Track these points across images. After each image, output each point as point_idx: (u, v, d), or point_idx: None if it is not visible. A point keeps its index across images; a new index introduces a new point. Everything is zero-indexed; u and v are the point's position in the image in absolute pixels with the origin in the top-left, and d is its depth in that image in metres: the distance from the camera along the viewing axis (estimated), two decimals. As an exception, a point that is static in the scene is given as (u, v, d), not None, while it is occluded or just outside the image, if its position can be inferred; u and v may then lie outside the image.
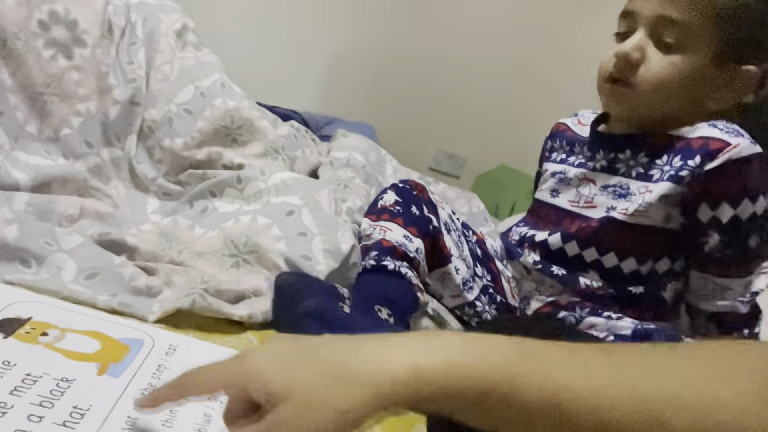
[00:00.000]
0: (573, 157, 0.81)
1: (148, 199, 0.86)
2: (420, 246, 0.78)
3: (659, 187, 0.69)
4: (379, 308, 0.70)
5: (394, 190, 0.84)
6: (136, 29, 0.92)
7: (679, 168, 0.68)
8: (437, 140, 1.91)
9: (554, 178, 0.81)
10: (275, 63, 1.71)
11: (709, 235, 0.68)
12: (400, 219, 0.80)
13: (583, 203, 0.76)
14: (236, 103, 0.91)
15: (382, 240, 0.78)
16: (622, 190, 0.73)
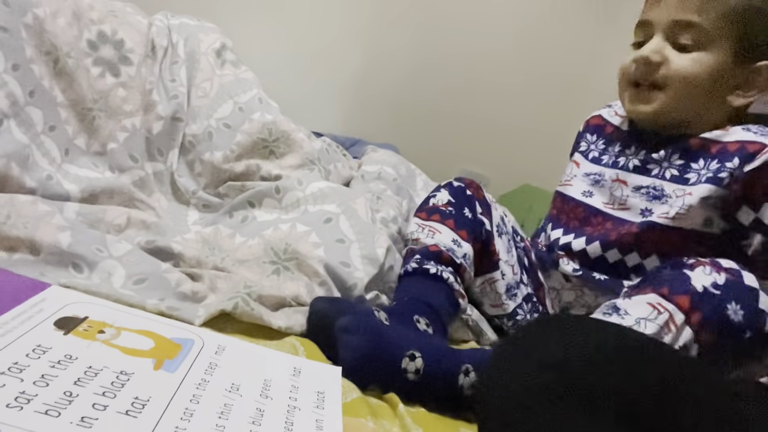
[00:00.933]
0: (606, 156, 0.81)
1: (189, 212, 0.89)
2: (469, 251, 0.77)
3: (699, 189, 0.69)
4: (418, 318, 0.69)
5: (448, 189, 0.82)
6: (178, 49, 0.96)
7: (716, 170, 0.68)
8: (460, 160, 1.92)
9: (588, 179, 0.81)
10: (299, 87, 1.75)
11: (751, 238, 0.67)
12: (451, 221, 0.77)
13: (617, 205, 0.76)
14: (273, 117, 0.94)
15: (429, 246, 0.76)
16: (657, 191, 0.73)
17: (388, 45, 1.76)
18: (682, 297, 0.57)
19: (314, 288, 0.74)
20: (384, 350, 0.58)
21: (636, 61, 0.72)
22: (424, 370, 0.58)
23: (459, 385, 0.59)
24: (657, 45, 0.70)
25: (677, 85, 0.70)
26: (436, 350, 0.61)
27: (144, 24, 0.94)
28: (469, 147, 1.91)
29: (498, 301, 0.82)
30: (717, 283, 0.57)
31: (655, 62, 0.70)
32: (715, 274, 0.57)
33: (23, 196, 0.69)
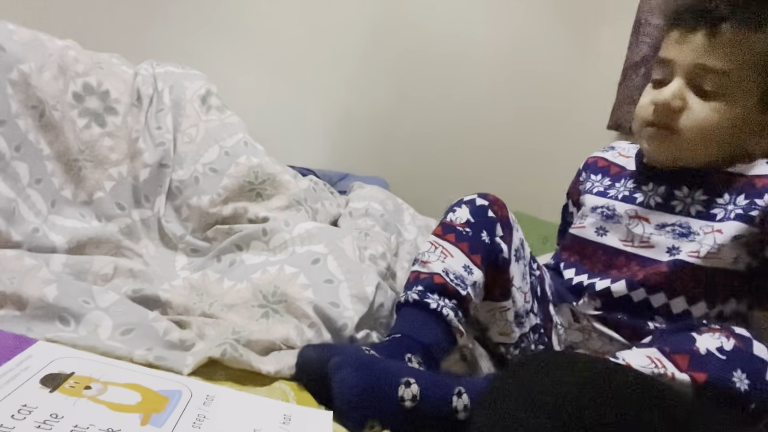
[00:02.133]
0: (614, 190, 0.79)
1: (177, 257, 0.89)
2: (479, 279, 0.73)
3: (729, 226, 0.67)
4: (410, 357, 0.68)
5: (469, 207, 0.78)
6: (163, 96, 0.97)
7: (747, 207, 0.67)
8: (449, 190, 1.93)
9: (596, 214, 0.79)
10: (288, 124, 1.78)
11: None
12: (466, 244, 0.73)
13: (638, 243, 0.74)
14: (259, 160, 0.95)
15: (434, 276, 0.72)
16: (683, 229, 0.71)
17: (373, 79, 1.79)
18: (682, 356, 0.56)
19: (304, 330, 0.74)
20: (380, 381, 0.58)
21: (656, 105, 0.70)
22: (420, 395, 0.58)
23: (453, 407, 0.59)
24: (678, 89, 0.69)
25: (693, 134, 0.69)
26: (429, 376, 0.61)
27: (129, 74, 0.96)
28: (456, 177, 1.92)
29: (506, 330, 0.79)
30: (724, 348, 0.55)
31: (675, 107, 0.69)
32: (723, 339, 0.56)
33: (9, 250, 0.69)
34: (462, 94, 1.83)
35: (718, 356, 0.55)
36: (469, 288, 0.73)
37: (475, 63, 1.81)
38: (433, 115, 1.85)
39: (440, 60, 1.80)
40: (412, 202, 1.70)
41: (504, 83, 1.85)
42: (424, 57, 1.79)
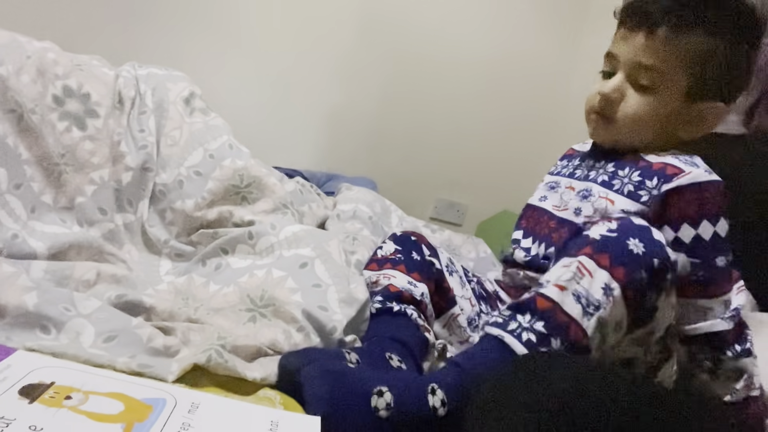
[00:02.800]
0: (565, 169, 0.90)
1: (161, 262, 0.87)
2: (425, 290, 0.79)
3: (619, 199, 0.75)
4: (390, 356, 0.69)
5: (393, 240, 0.87)
6: (146, 99, 0.96)
7: (637, 185, 0.75)
8: (437, 190, 1.94)
9: (546, 186, 0.90)
10: (275, 124, 1.77)
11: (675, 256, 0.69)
12: (402, 266, 0.81)
13: (562, 207, 0.84)
14: (244, 163, 0.94)
15: (389, 285, 0.79)
16: (587, 192, 0.81)
17: (361, 79, 1.78)
18: (585, 248, 0.64)
19: (292, 334, 0.73)
20: (351, 395, 0.57)
21: (600, 95, 0.79)
22: (394, 402, 0.58)
23: (430, 406, 0.59)
24: (618, 83, 0.78)
25: (626, 123, 0.78)
26: (401, 380, 0.61)
27: (111, 76, 0.94)
28: (446, 176, 1.92)
29: (464, 336, 0.83)
30: (611, 228, 0.64)
31: (614, 99, 0.78)
32: (608, 223, 0.65)
33: (-13, 258, 0.67)
34: (450, 94, 1.84)
35: (610, 235, 0.64)
36: (420, 297, 0.78)
37: (462, 63, 1.82)
38: (422, 115, 1.85)
39: (428, 60, 1.80)
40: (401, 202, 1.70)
41: (491, 84, 1.85)
42: (412, 57, 1.79)
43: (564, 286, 0.63)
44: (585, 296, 0.62)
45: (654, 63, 0.74)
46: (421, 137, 1.87)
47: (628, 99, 0.77)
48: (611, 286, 0.61)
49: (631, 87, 0.77)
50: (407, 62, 1.79)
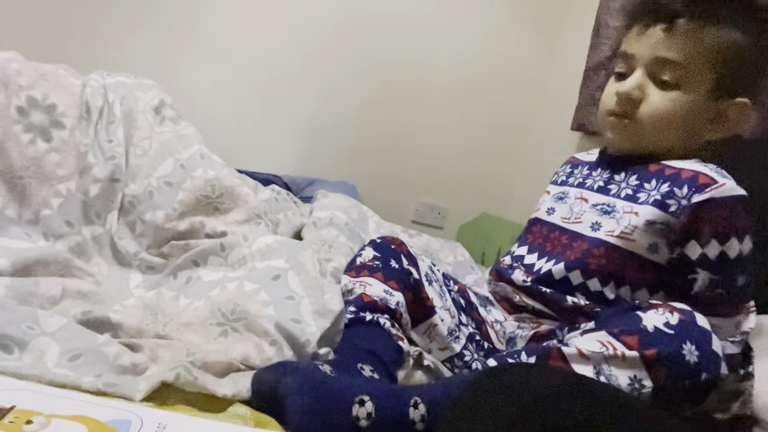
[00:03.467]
0: (572, 178, 0.86)
1: (131, 274, 0.85)
2: (401, 299, 0.78)
3: (644, 210, 0.70)
4: (362, 366, 0.69)
5: (372, 246, 0.85)
6: (114, 108, 0.94)
7: (665, 194, 0.70)
8: (418, 193, 1.94)
9: (553, 198, 0.85)
10: (255, 130, 1.75)
11: (698, 273, 0.68)
12: (380, 274, 0.80)
13: (573, 219, 0.79)
14: (216, 172, 0.92)
15: (362, 294, 0.77)
16: (609, 207, 0.76)
17: (341, 84, 1.78)
18: (631, 336, 0.57)
19: (264, 348, 0.72)
20: (332, 403, 0.57)
21: (618, 95, 0.75)
22: (375, 412, 0.57)
23: (410, 419, 0.58)
24: (638, 80, 0.73)
25: (651, 122, 0.73)
26: (383, 391, 0.60)
27: (77, 85, 0.92)
28: (426, 180, 1.92)
29: (444, 344, 0.82)
30: (670, 323, 0.57)
31: (635, 97, 0.73)
32: (668, 314, 0.57)
33: (-54, 276, 0.65)
34: (429, 98, 1.84)
35: (666, 331, 0.56)
36: (395, 306, 0.77)
37: (441, 68, 1.82)
38: (402, 119, 1.84)
39: (408, 65, 1.80)
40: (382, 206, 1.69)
41: (470, 87, 1.86)
42: (392, 62, 1.79)
43: (587, 356, 0.57)
44: (605, 376, 0.56)
45: (677, 57, 0.70)
46: (401, 141, 1.87)
47: (650, 96, 0.73)
48: (643, 383, 0.55)
49: (653, 84, 0.73)
50: (387, 67, 1.79)
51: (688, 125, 0.73)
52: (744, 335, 0.69)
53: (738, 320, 0.69)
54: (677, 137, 0.74)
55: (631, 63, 0.75)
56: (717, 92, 0.72)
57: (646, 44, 0.73)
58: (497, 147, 1.93)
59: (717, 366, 0.56)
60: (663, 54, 0.71)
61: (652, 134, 0.73)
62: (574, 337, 0.62)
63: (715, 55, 0.70)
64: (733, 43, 0.71)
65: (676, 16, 0.70)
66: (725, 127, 0.74)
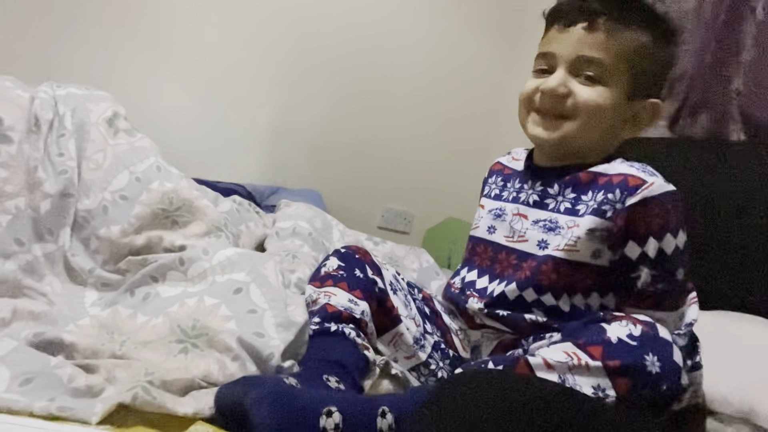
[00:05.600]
0: (506, 192, 0.85)
1: (86, 292, 0.83)
2: (366, 308, 0.78)
3: (584, 221, 0.72)
4: (328, 377, 0.68)
5: (336, 256, 0.85)
6: (65, 121, 0.91)
7: (601, 202, 0.72)
8: (384, 199, 1.94)
9: (490, 215, 0.85)
10: (215, 137, 1.72)
11: (640, 271, 0.70)
12: (344, 283, 0.79)
13: (516, 238, 0.79)
14: (174, 185, 0.90)
15: (326, 305, 0.77)
16: (552, 224, 0.76)
17: (304, 91, 1.77)
18: (595, 347, 0.58)
19: (227, 364, 0.71)
20: (300, 415, 0.56)
21: (543, 92, 0.75)
22: (343, 423, 0.57)
23: (378, 428, 0.58)
24: (562, 77, 0.74)
25: (585, 115, 0.74)
26: (351, 401, 0.60)
27: (25, 98, 0.89)
28: (391, 185, 1.93)
29: (410, 353, 0.82)
30: (633, 334, 0.58)
31: (561, 93, 0.74)
32: (632, 326, 0.59)
33: None
34: (393, 104, 1.84)
35: (629, 343, 0.58)
36: (360, 315, 0.76)
37: (404, 74, 1.83)
38: (366, 125, 1.84)
39: (371, 71, 1.80)
40: (348, 213, 1.68)
41: (433, 93, 1.88)
42: (355, 68, 1.79)
43: (552, 365, 0.59)
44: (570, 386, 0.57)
45: (598, 55, 0.72)
46: (365, 147, 1.87)
47: (576, 91, 0.73)
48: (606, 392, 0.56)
49: (576, 81, 0.74)
50: (350, 73, 1.79)
51: (612, 121, 0.75)
52: (689, 327, 0.71)
53: (682, 312, 0.72)
54: (602, 133, 0.75)
55: (552, 62, 0.76)
56: (633, 92, 0.74)
57: (567, 43, 0.74)
58: (461, 151, 1.95)
59: (677, 376, 0.58)
60: (585, 52, 0.73)
61: (582, 129, 0.74)
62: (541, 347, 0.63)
63: (632, 55, 0.73)
64: (646, 46, 0.73)
65: (597, 15, 0.72)
66: (639, 127, 0.77)
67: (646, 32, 0.74)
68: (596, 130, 0.75)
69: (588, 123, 0.74)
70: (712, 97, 1.35)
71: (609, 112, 0.74)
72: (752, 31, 1.28)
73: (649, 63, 0.75)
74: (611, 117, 0.74)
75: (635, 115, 0.76)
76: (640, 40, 0.73)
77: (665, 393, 0.57)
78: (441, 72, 1.86)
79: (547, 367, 0.59)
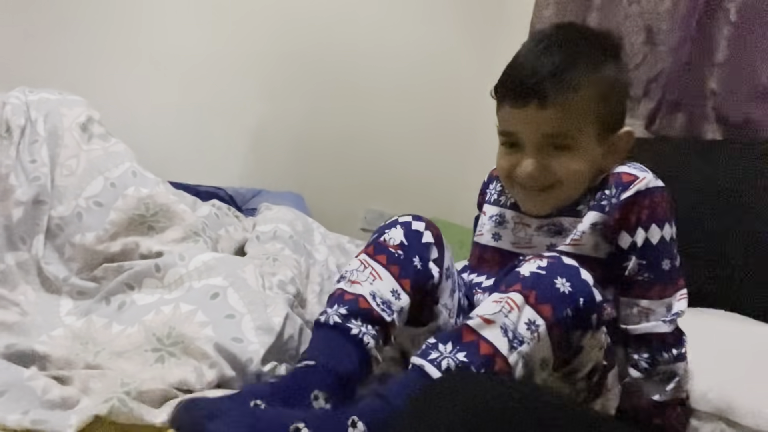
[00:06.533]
0: (503, 196, 0.86)
1: (61, 301, 0.81)
2: (406, 305, 0.73)
3: (588, 216, 0.75)
4: (317, 394, 0.64)
5: (404, 229, 0.77)
6: (37, 126, 0.89)
7: (599, 198, 0.76)
8: (366, 200, 1.93)
9: (492, 221, 0.86)
10: (194, 140, 1.71)
11: (629, 260, 0.73)
12: (397, 267, 0.74)
13: (523, 244, 0.81)
14: (150, 190, 0.89)
15: (359, 298, 0.70)
16: (556, 227, 0.79)
17: (284, 93, 1.75)
18: (515, 285, 0.64)
19: (204, 371, 0.70)
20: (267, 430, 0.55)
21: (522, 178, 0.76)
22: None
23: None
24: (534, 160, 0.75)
25: (569, 182, 0.76)
26: (319, 415, 0.59)
27: (-5, 104, 0.87)
28: (372, 187, 1.92)
29: None
30: (540, 266, 0.65)
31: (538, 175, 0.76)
32: (539, 261, 0.66)
33: None
34: (374, 104, 1.84)
35: (539, 273, 0.64)
36: (395, 315, 0.72)
37: (385, 75, 1.82)
38: (347, 126, 1.84)
39: (351, 72, 1.80)
40: (330, 215, 1.67)
41: (415, 92, 1.88)
42: (336, 69, 1.78)
43: (491, 320, 0.62)
44: (512, 330, 0.61)
45: (560, 129, 0.74)
46: (347, 149, 1.86)
47: (554, 168, 0.75)
48: (536, 323, 0.61)
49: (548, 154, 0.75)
50: (331, 74, 1.78)
51: (592, 170, 0.77)
52: (675, 316, 0.74)
53: (669, 302, 0.74)
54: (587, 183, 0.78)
55: (518, 140, 0.76)
56: (603, 133, 0.76)
57: (526, 124, 0.75)
58: (443, 152, 1.95)
59: (590, 291, 0.64)
60: (547, 130, 0.74)
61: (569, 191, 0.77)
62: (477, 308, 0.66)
63: (592, 108, 0.74)
64: (602, 90, 0.74)
65: (545, 93, 0.72)
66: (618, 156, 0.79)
67: (596, 78, 0.74)
68: (581, 185, 0.77)
69: (572, 185, 0.77)
70: (688, 97, 1.37)
71: (587, 166, 0.76)
72: (726, 32, 1.31)
73: (611, 101, 0.76)
74: (591, 169, 0.77)
75: (611, 146, 0.78)
76: (594, 90, 0.74)
77: (584, 307, 0.63)
78: (422, 71, 1.86)
79: (486, 323, 0.62)
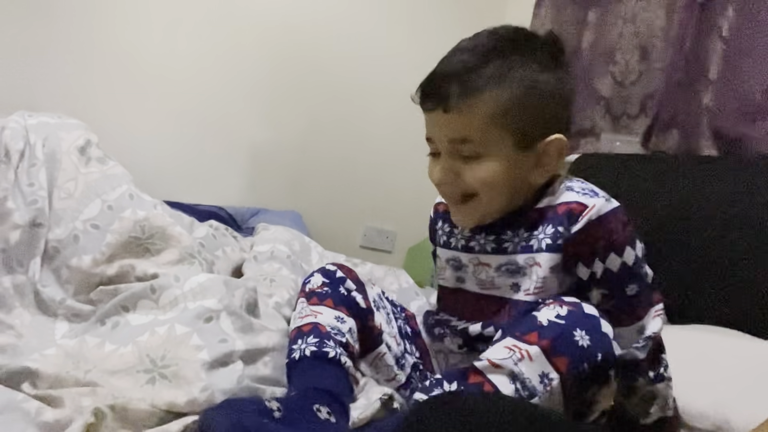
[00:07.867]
0: (453, 239, 0.82)
1: (57, 324, 0.82)
2: (352, 326, 0.78)
3: (544, 258, 0.71)
4: (319, 408, 0.67)
5: (321, 273, 0.83)
6: (36, 150, 0.91)
7: (552, 235, 0.71)
8: (365, 218, 1.94)
9: (450, 267, 0.83)
10: (193, 160, 1.72)
11: (591, 290, 0.71)
12: (330, 300, 0.79)
13: (488, 285, 0.78)
14: (146, 212, 0.90)
15: (318, 325, 0.75)
16: (512, 266, 0.75)
17: (283, 112, 1.77)
18: (531, 334, 0.62)
19: (195, 394, 0.70)
20: None
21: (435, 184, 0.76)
22: None
23: None
24: (445, 164, 0.73)
25: (484, 192, 0.73)
26: None
27: (-5, 128, 0.89)
28: (372, 204, 1.93)
29: (390, 375, 0.82)
30: (560, 314, 0.62)
31: (449, 182, 0.73)
32: (558, 308, 0.63)
33: None
34: (373, 121, 1.85)
35: (558, 322, 0.62)
36: (348, 335, 0.76)
37: (383, 90, 1.84)
38: (346, 144, 1.85)
39: (349, 89, 1.81)
40: (329, 233, 1.68)
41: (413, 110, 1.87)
42: (333, 87, 1.80)
43: (500, 365, 0.61)
44: (521, 379, 0.60)
45: (464, 134, 0.71)
46: (346, 167, 1.87)
47: (464, 175, 0.72)
48: (550, 376, 0.60)
49: (460, 161, 0.72)
50: (328, 93, 1.80)
51: (513, 180, 0.72)
52: (648, 340, 0.71)
53: (641, 325, 0.71)
54: (509, 195, 0.73)
55: (436, 145, 0.75)
56: (523, 144, 0.71)
57: (436, 128, 0.73)
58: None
59: (609, 345, 0.62)
60: (452, 135, 0.71)
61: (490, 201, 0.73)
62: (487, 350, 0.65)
63: (499, 116, 0.70)
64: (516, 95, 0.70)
65: (446, 98, 0.70)
66: (551, 166, 0.74)
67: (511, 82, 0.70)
68: (501, 196, 0.73)
69: (489, 195, 0.73)
70: (683, 113, 1.38)
71: (503, 176, 0.71)
72: (719, 50, 1.32)
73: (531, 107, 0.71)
74: (510, 178, 0.72)
75: (539, 159, 0.73)
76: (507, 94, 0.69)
77: (602, 363, 0.61)
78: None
79: (494, 367, 0.61)
